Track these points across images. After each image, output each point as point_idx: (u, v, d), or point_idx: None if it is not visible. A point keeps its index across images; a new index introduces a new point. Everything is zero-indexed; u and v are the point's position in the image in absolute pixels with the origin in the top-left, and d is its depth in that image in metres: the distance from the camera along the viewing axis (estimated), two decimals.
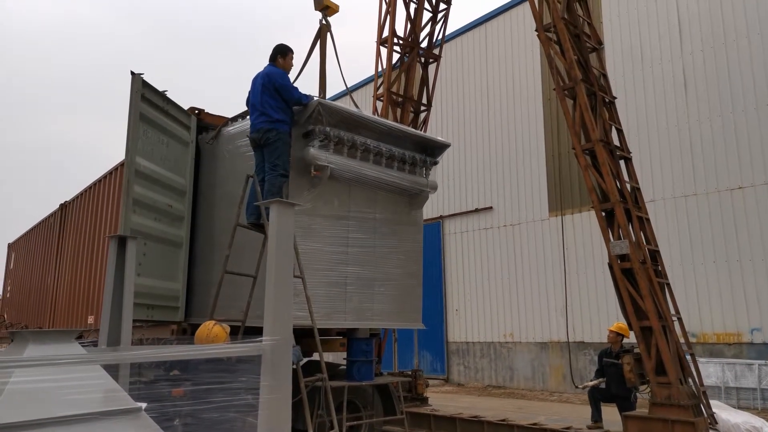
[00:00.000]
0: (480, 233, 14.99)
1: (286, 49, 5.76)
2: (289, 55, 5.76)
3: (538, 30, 7.46)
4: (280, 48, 5.75)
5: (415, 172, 6.36)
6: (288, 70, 5.71)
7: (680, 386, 6.17)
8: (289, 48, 5.81)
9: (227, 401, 3.12)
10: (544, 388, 12.98)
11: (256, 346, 2.93)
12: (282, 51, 5.72)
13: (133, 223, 5.47)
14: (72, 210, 10.15)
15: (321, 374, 4.97)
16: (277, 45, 5.80)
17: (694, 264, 10.96)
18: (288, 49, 5.78)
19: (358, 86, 17.82)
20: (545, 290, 13.24)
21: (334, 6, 6.63)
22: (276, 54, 5.71)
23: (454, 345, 15.16)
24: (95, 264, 8.29)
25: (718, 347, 10.50)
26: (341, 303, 5.68)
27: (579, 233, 12.68)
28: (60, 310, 9.78)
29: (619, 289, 6.69)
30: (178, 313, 6.09)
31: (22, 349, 2.32)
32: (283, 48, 5.76)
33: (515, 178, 14.31)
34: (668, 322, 6.52)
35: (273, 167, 5.17)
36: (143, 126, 5.71)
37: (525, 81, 14.43)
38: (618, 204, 6.76)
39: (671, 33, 11.88)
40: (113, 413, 2.26)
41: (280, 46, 5.78)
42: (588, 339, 12.20)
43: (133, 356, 3.18)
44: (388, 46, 9.72)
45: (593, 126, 6.96)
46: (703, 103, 11.25)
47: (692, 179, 11.23)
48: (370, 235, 6.00)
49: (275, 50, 5.74)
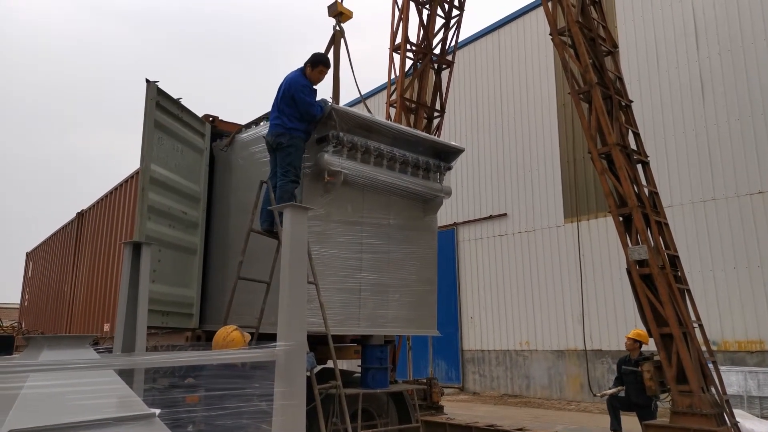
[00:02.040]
0: (494, 240, 14.88)
1: (318, 61, 5.50)
2: (319, 68, 5.48)
3: (553, 34, 7.41)
4: (315, 58, 5.51)
5: (428, 177, 6.31)
6: (315, 82, 5.50)
7: (702, 395, 6.03)
8: (323, 61, 5.53)
9: (241, 408, 3.10)
10: (561, 396, 12.80)
11: (269, 352, 2.90)
12: (314, 61, 5.48)
13: (147, 230, 5.48)
14: (88, 218, 10.25)
15: (335, 381, 4.92)
16: (316, 54, 5.55)
17: (714, 270, 10.76)
18: (320, 62, 5.50)
19: (371, 93, 17.86)
20: (561, 297, 13.08)
21: (348, 12, 6.64)
22: (308, 62, 5.49)
23: (469, 353, 15.03)
24: (111, 271, 8.35)
25: (740, 355, 10.28)
26: (355, 309, 5.63)
27: (595, 239, 12.54)
28: (76, 318, 9.86)
29: (638, 295, 6.58)
30: (193, 320, 6.09)
31: (37, 354, 2.32)
32: (317, 59, 5.51)
33: (530, 185, 14.21)
34: (689, 329, 6.39)
35: (285, 173, 5.15)
36: (158, 133, 5.74)
37: (539, 86, 14.36)
38: (636, 208, 6.66)
39: (687, 36, 11.75)
40: (127, 419, 2.24)
41: (317, 55, 5.54)
42: (606, 347, 12.02)
43: (145, 361, 3.17)
44: (401, 52, 9.73)
45: (609, 130, 6.88)
46: (721, 106, 11.10)
47: (711, 184, 11.05)
48: (384, 240, 5.96)
49: (312, 57, 5.51)
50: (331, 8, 6.63)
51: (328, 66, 5.63)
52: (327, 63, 5.59)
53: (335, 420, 5.11)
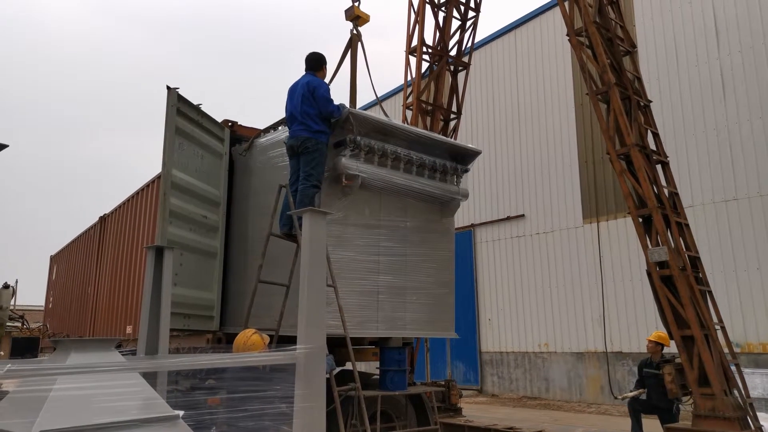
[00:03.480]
0: (512, 241, 14.81)
1: (321, 61, 5.75)
2: (324, 66, 5.76)
3: (570, 35, 7.37)
4: (318, 57, 5.73)
5: (445, 179, 6.32)
6: (323, 79, 5.71)
7: (725, 398, 5.95)
8: (323, 58, 5.80)
9: (262, 410, 3.14)
10: (581, 399, 12.68)
11: (289, 355, 2.95)
12: (319, 61, 5.72)
13: (169, 234, 5.57)
14: (111, 222, 10.42)
15: (354, 383, 4.96)
16: (315, 54, 5.77)
17: (737, 271, 10.59)
18: (323, 61, 5.77)
19: (387, 96, 17.90)
20: (581, 299, 12.97)
21: (365, 16, 6.68)
22: (314, 63, 5.69)
23: (487, 355, 14.96)
24: (133, 274, 8.48)
25: (764, 357, 10.09)
26: (373, 312, 5.66)
27: (615, 240, 12.41)
28: (100, 320, 10.03)
29: (659, 297, 6.51)
30: (214, 323, 6.17)
31: (65, 358, 2.38)
32: (320, 57, 5.75)
33: (547, 185, 14.11)
34: (711, 330, 6.31)
35: (307, 177, 5.18)
36: (179, 139, 5.83)
37: (556, 87, 14.26)
38: (656, 209, 6.59)
39: (708, 34, 11.58)
40: (151, 420, 2.29)
41: (318, 55, 5.76)
42: (626, 349, 11.88)
43: (170, 364, 3.23)
44: (417, 55, 9.74)
45: (628, 130, 6.82)
46: (742, 104, 10.92)
47: (732, 183, 10.88)
48: (401, 243, 5.99)
49: (314, 60, 5.71)
50: (348, 12, 6.67)
51: (326, 60, 5.82)
52: (325, 58, 5.81)
53: (354, 422, 5.14)
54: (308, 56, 5.77)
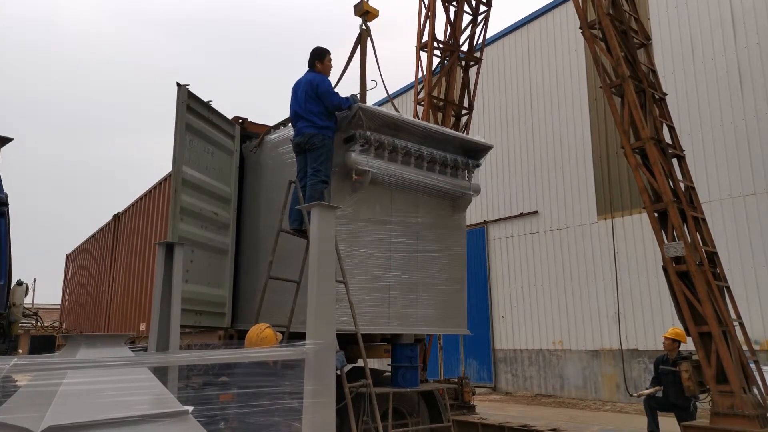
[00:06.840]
0: (525, 238, 14.69)
1: (323, 52, 5.69)
2: (327, 57, 5.69)
3: (583, 27, 7.27)
4: (318, 52, 5.69)
5: (457, 175, 6.27)
6: (328, 72, 5.67)
7: (744, 395, 5.84)
8: (326, 50, 5.74)
9: (272, 405, 3.12)
10: (596, 397, 12.56)
11: (299, 350, 2.92)
12: (320, 55, 5.66)
13: (180, 231, 5.58)
14: (124, 220, 10.51)
15: (365, 380, 4.93)
16: (315, 49, 5.74)
17: (756, 266, 10.40)
18: (325, 52, 5.71)
19: (398, 93, 17.83)
20: (595, 296, 12.84)
21: (374, 11, 6.65)
22: (314, 58, 5.66)
23: (501, 352, 14.87)
24: (146, 272, 8.54)
25: None
26: (384, 308, 5.63)
27: (630, 236, 12.26)
28: (114, 317, 10.13)
29: (675, 293, 6.41)
30: (225, 319, 6.18)
31: (75, 353, 2.38)
32: (321, 51, 5.70)
33: (561, 181, 13.97)
34: (729, 327, 6.19)
35: (315, 172, 5.17)
36: (189, 136, 5.83)
37: (569, 81, 14.11)
38: (671, 204, 6.48)
39: (724, 27, 11.38)
40: (161, 416, 2.28)
41: (318, 49, 5.73)
42: (642, 346, 11.74)
43: (178, 359, 3.23)
44: (428, 50, 9.68)
45: (643, 124, 6.72)
46: (760, 97, 10.72)
47: (750, 177, 10.69)
48: (412, 239, 5.95)
49: (313, 55, 5.69)
50: (357, 7, 6.64)
51: (329, 51, 5.75)
52: (327, 50, 5.75)
53: (366, 419, 5.11)
54: (310, 52, 5.74)
